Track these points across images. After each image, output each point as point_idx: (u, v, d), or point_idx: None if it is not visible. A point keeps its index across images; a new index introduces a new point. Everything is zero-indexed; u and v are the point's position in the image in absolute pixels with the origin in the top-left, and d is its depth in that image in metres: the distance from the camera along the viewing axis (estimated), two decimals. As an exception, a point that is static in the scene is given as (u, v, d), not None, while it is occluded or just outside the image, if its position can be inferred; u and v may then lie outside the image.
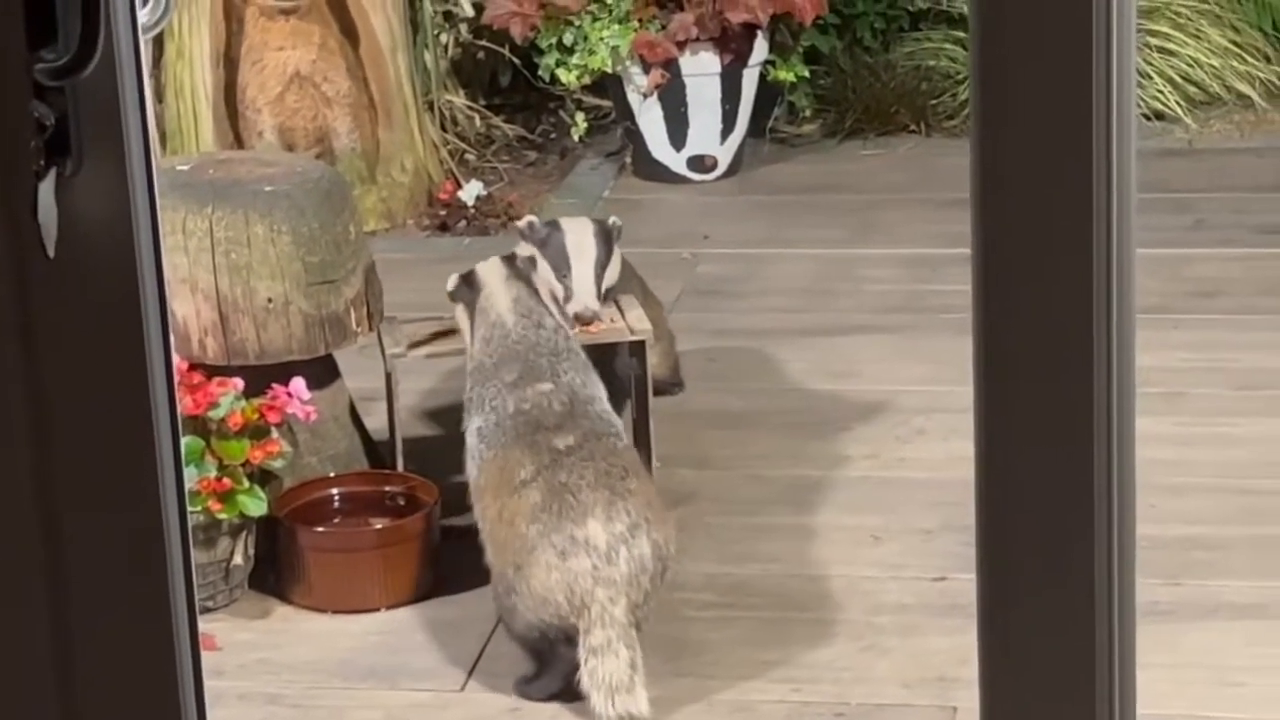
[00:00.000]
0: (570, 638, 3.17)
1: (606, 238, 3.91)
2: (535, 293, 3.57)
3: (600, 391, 3.47)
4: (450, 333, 3.90)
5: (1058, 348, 1.71)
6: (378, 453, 3.88)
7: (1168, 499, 3.76)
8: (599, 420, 3.37)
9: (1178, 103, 6.10)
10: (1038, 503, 1.75)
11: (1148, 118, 6.02)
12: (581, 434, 3.31)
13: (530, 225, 3.94)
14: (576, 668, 3.15)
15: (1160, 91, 6.09)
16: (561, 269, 3.82)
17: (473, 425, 3.44)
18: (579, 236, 3.88)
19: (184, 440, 3.37)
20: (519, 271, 3.60)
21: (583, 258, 3.84)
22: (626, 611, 3.16)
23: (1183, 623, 3.39)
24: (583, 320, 3.79)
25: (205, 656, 1.85)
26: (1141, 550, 1.76)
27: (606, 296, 3.87)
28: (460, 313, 3.62)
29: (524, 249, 3.84)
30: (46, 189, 1.64)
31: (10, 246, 1.66)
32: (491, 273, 3.60)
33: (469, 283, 3.61)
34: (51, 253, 1.67)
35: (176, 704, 1.81)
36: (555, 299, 3.72)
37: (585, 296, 3.79)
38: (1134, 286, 1.73)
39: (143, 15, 1.70)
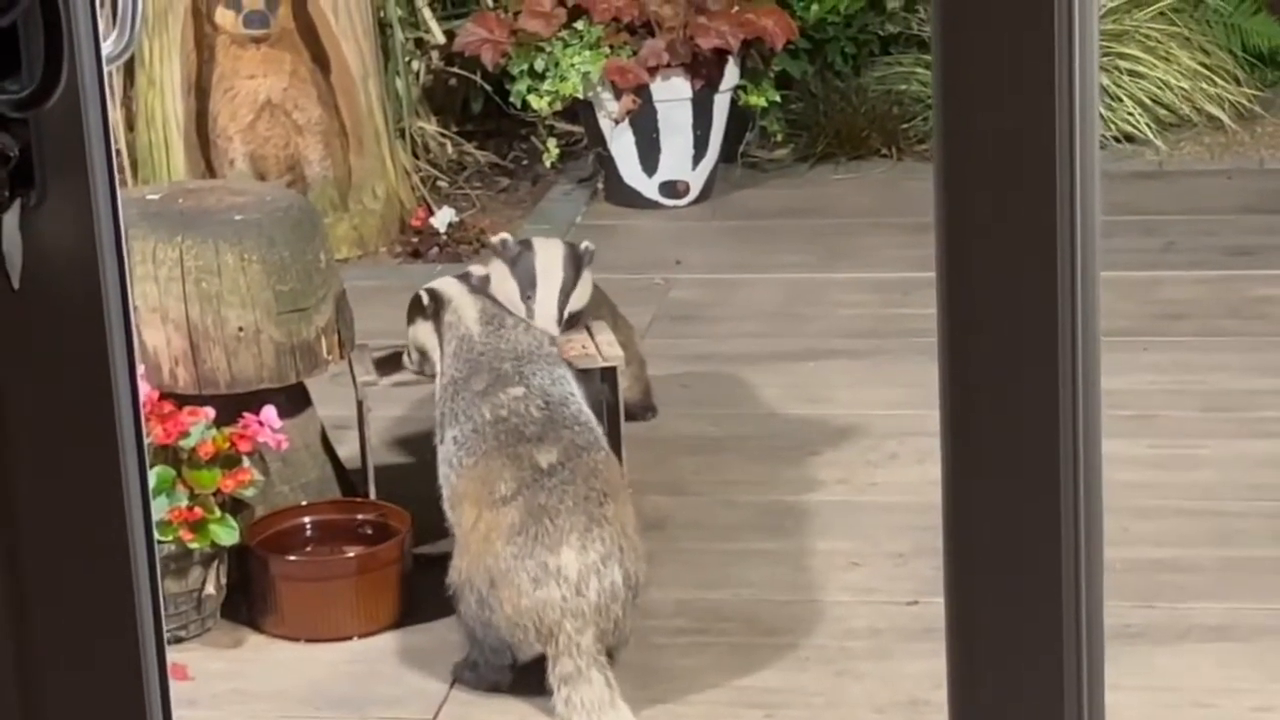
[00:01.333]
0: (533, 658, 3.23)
1: (576, 262, 3.91)
2: (498, 303, 3.61)
3: (571, 387, 3.49)
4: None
5: (1022, 372, 1.72)
6: (349, 481, 3.87)
7: (1138, 521, 3.77)
8: (579, 428, 3.38)
9: (1148, 125, 6.13)
10: (1004, 527, 1.75)
11: (1118, 140, 6.05)
12: (563, 448, 3.32)
13: (504, 242, 3.95)
14: (515, 665, 3.27)
15: (1130, 114, 6.12)
16: (527, 289, 3.83)
17: (448, 435, 3.46)
18: (548, 259, 3.89)
19: (155, 470, 3.37)
20: (475, 288, 3.64)
21: (548, 280, 3.85)
22: (594, 640, 3.20)
23: (1153, 645, 3.39)
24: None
25: (178, 687, 1.85)
26: (1112, 573, 1.76)
27: (574, 321, 3.87)
28: (426, 330, 3.64)
29: (479, 270, 3.84)
30: (10, 220, 1.64)
31: (-26, 278, 1.66)
32: (452, 288, 3.64)
33: (435, 299, 3.64)
34: (16, 284, 1.66)
35: (145, 735, 1.81)
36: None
37: (545, 320, 3.80)
38: (1098, 309, 1.73)
39: (107, 46, 1.70)
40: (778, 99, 5.98)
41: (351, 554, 3.63)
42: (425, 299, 3.68)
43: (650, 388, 4.37)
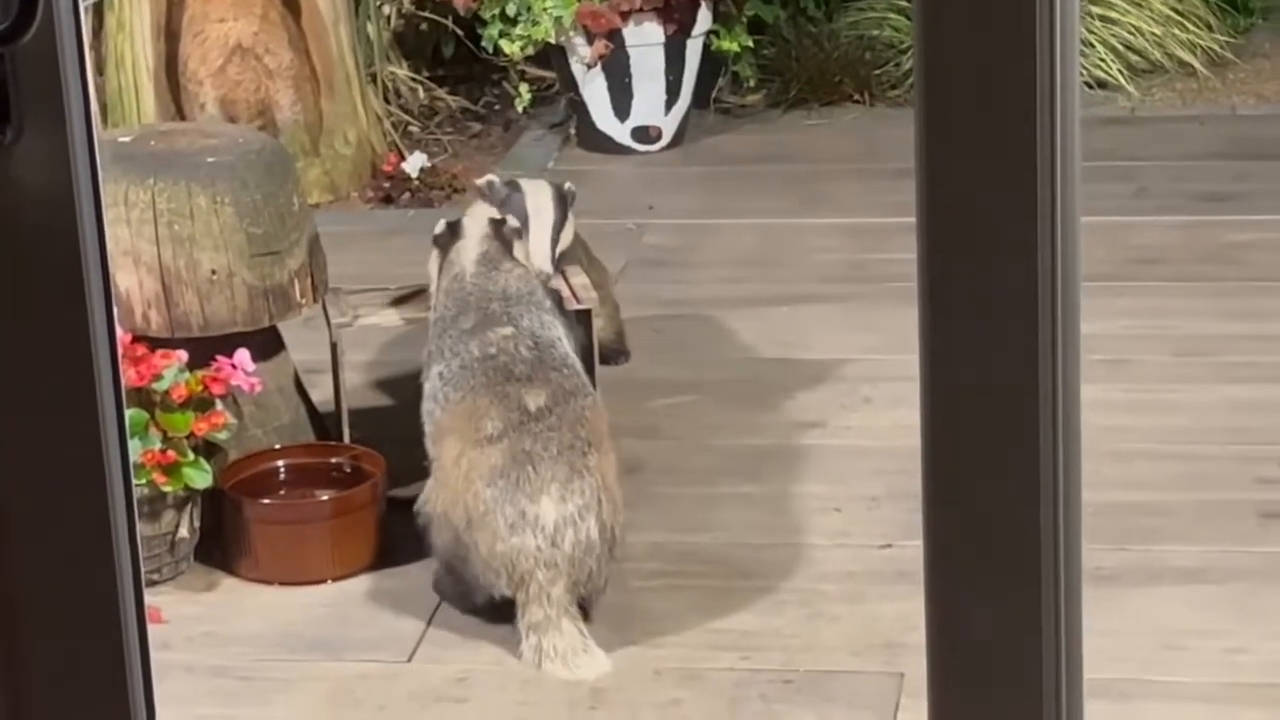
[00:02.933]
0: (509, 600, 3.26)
1: (562, 201, 3.91)
2: (508, 253, 3.57)
3: (559, 331, 3.48)
4: (401, 301, 3.91)
5: (1002, 316, 1.71)
6: (323, 424, 3.87)
7: (1112, 465, 3.78)
8: (567, 372, 3.38)
9: (1120, 71, 6.12)
10: (983, 470, 1.75)
11: (1090, 86, 6.04)
12: (551, 392, 3.32)
13: (490, 184, 3.93)
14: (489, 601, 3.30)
15: (1102, 60, 6.11)
16: (521, 229, 3.82)
17: (433, 371, 3.46)
18: (538, 199, 3.88)
19: (128, 413, 3.36)
20: (502, 234, 3.60)
21: (540, 220, 3.84)
22: (566, 591, 3.22)
23: (1127, 588, 3.41)
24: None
25: (151, 630, 1.84)
26: (1086, 516, 1.77)
27: (560, 261, 3.87)
28: (434, 259, 3.63)
29: (479, 209, 3.82)
30: (-14, 157, 1.62)
31: (-50, 216, 1.65)
32: (474, 226, 3.61)
33: (453, 231, 3.63)
34: (-8, 222, 1.65)
35: (123, 677, 1.81)
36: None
37: (541, 259, 3.78)
38: (1079, 254, 1.73)
39: (83, -17, 1.69)
40: (750, 44, 5.97)
41: (325, 497, 3.63)
42: (442, 228, 3.66)
43: (624, 331, 4.37)
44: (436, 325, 3.53)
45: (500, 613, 3.31)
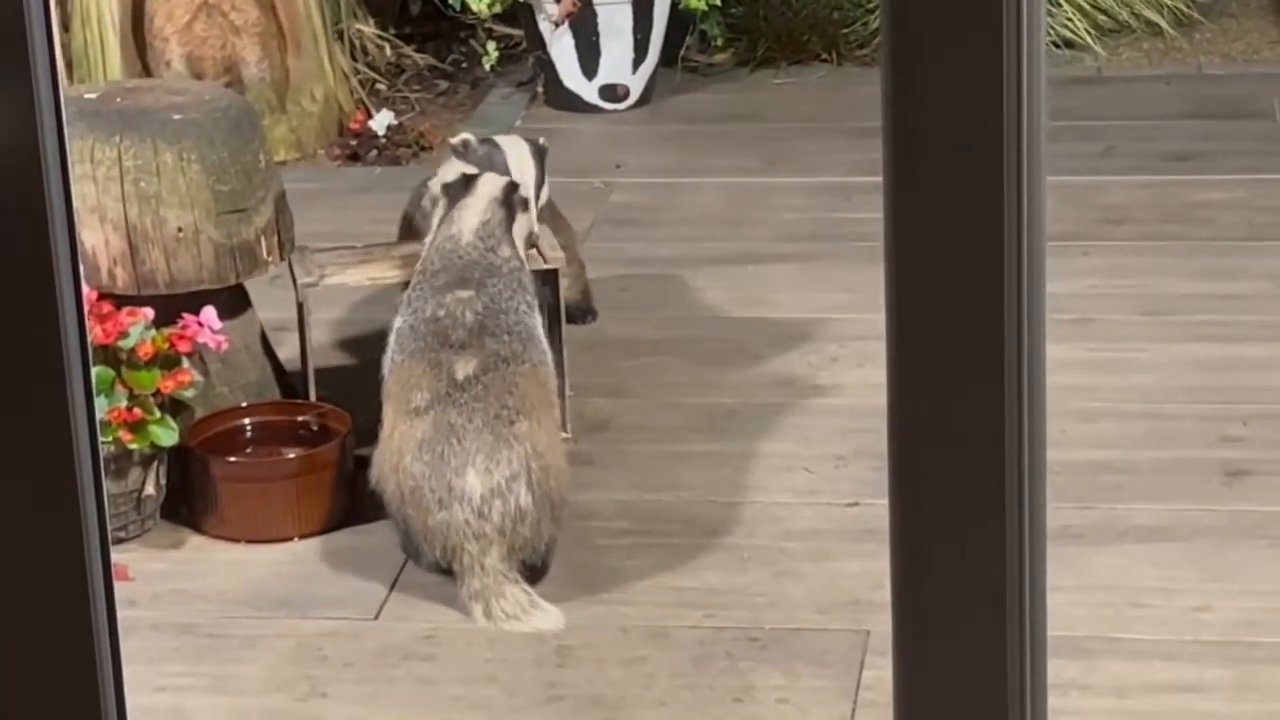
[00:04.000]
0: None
1: (540, 156, 3.90)
2: (509, 226, 3.57)
3: (531, 313, 3.47)
4: (368, 260, 3.90)
5: (968, 275, 1.72)
6: (290, 382, 3.87)
7: (1077, 424, 3.80)
8: (508, 338, 3.38)
9: (1087, 31, 6.13)
10: (948, 427, 1.76)
11: (1057, 45, 6.04)
12: (482, 360, 3.34)
13: (465, 144, 3.92)
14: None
15: (1069, 19, 6.11)
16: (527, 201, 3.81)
17: (396, 323, 3.48)
18: (519, 157, 3.88)
19: (94, 370, 3.35)
20: (508, 201, 3.59)
21: (524, 177, 3.83)
22: (500, 560, 3.25)
23: (1092, 545, 3.42)
24: (528, 244, 3.77)
25: (118, 587, 1.84)
26: (1052, 475, 1.78)
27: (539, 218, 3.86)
28: (440, 208, 3.62)
29: (451, 167, 3.80)
30: (-49, 114, 1.62)
31: (-85, 172, 1.65)
32: (485, 189, 3.60)
33: (465, 185, 3.60)
34: (-43, 179, 1.65)
35: (90, 635, 1.81)
36: (528, 240, 3.69)
37: (529, 218, 3.77)
38: (1044, 213, 1.74)
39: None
40: (718, 3, 5.95)
41: (291, 455, 3.63)
42: (456, 178, 3.64)
43: (590, 290, 4.36)
44: (418, 275, 3.54)
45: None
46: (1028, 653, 1.78)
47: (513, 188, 3.63)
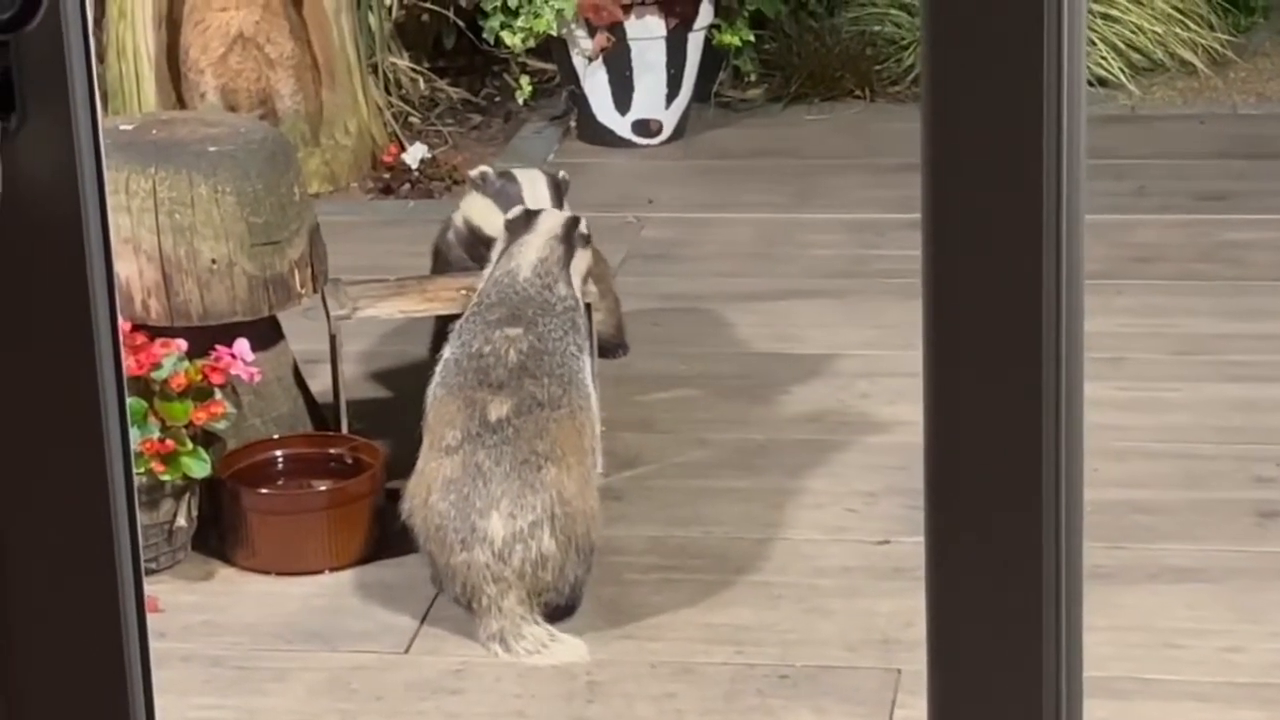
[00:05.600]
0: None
1: (558, 190, 3.91)
2: (567, 263, 3.57)
3: (579, 356, 3.46)
4: (401, 293, 3.90)
5: (1006, 313, 1.71)
6: (322, 415, 3.87)
7: (1109, 463, 3.78)
8: (548, 381, 3.38)
9: (1121, 69, 6.12)
10: (985, 466, 1.75)
11: (1091, 84, 6.04)
12: (517, 403, 3.33)
13: (483, 175, 3.94)
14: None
15: (1103, 58, 6.11)
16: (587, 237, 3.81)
17: (445, 353, 3.49)
18: (534, 188, 3.88)
19: (127, 401, 3.36)
20: (569, 238, 3.60)
21: (538, 206, 3.83)
22: (518, 603, 3.25)
23: (1124, 586, 3.41)
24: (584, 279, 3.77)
25: (148, 618, 1.84)
26: (1084, 514, 1.77)
27: None
28: (501, 241, 3.63)
29: (472, 201, 3.80)
30: (-9, 144, 1.62)
31: (-46, 202, 1.65)
32: (546, 223, 3.61)
33: (526, 221, 3.62)
34: (-4, 209, 1.65)
35: (122, 666, 1.81)
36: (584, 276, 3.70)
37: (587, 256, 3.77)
38: (1083, 253, 1.73)
39: (88, -30, 1.68)
40: (751, 38, 5.96)
41: (323, 488, 3.63)
42: (518, 214, 3.65)
43: (623, 325, 4.36)
44: (472, 306, 3.54)
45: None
46: (1064, 694, 1.77)
47: (574, 223, 3.63)
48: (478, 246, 3.91)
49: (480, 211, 3.87)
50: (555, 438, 3.33)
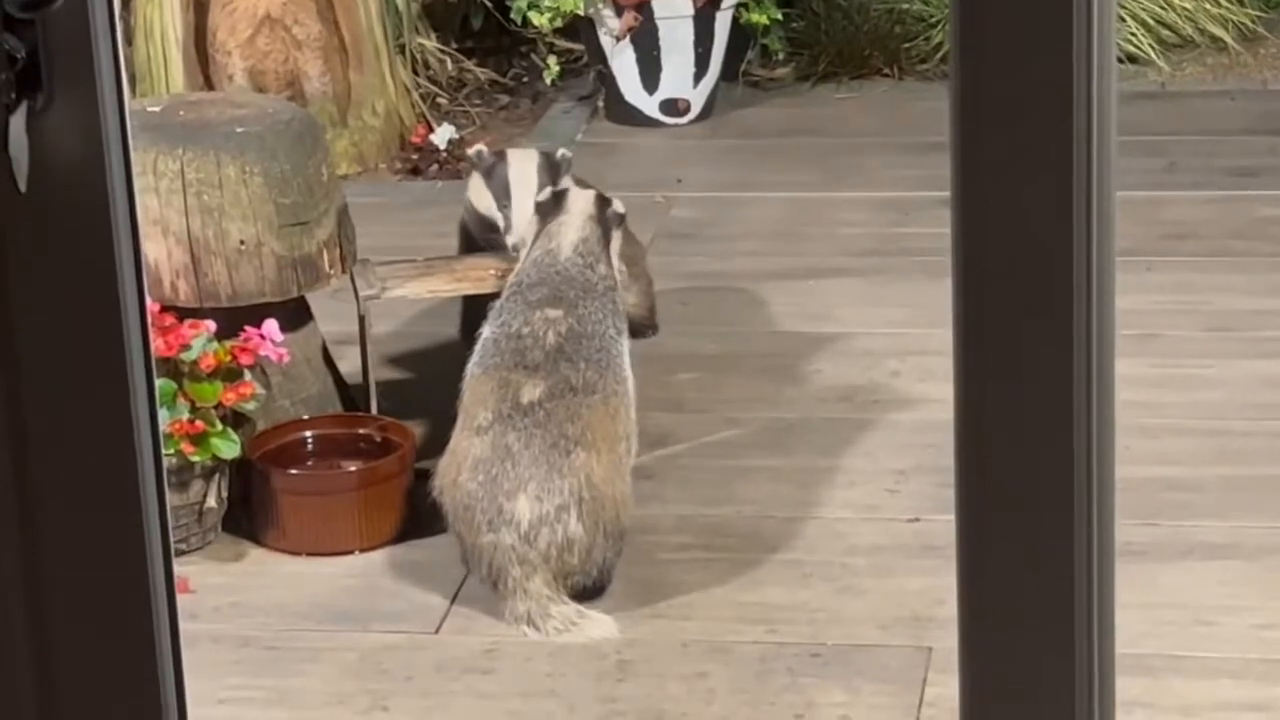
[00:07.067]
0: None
1: (553, 170, 3.89)
2: (606, 243, 3.56)
3: (619, 339, 3.46)
4: (430, 273, 3.90)
5: (1037, 290, 1.70)
6: (351, 395, 3.87)
7: (1141, 440, 3.77)
8: (584, 366, 3.37)
9: (1150, 46, 6.09)
10: (1017, 443, 1.74)
11: (1120, 61, 6.01)
12: (550, 386, 3.33)
13: (479, 154, 3.95)
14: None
15: (1133, 34, 6.08)
16: (503, 199, 3.83)
17: (484, 332, 3.48)
18: (522, 168, 3.88)
19: (156, 382, 3.36)
20: (604, 218, 3.59)
21: (523, 189, 3.83)
22: (544, 584, 3.25)
23: (1157, 563, 3.40)
24: (517, 251, 3.78)
25: (179, 600, 1.84)
26: (1116, 491, 1.76)
27: None
28: (532, 224, 3.63)
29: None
30: (17, 122, 1.62)
31: (-19, 181, 1.65)
32: (579, 203, 3.60)
33: (557, 201, 3.61)
34: (23, 186, 1.65)
35: (153, 647, 1.81)
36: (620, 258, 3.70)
37: (521, 228, 3.77)
38: (1114, 229, 1.72)
39: (114, -51, 1.68)
40: (779, 17, 5.94)
41: (353, 468, 3.63)
42: (547, 197, 3.64)
43: (655, 306, 4.36)
44: (511, 286, 3.54)
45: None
46: (1096, 671, 1.77)
47: (605, 202, 3.63)
48: (479, 224, 3.92)
49: (476, 190, 3.89)
50: (587, 422, 3.32)
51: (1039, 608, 1.77)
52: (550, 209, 3.61)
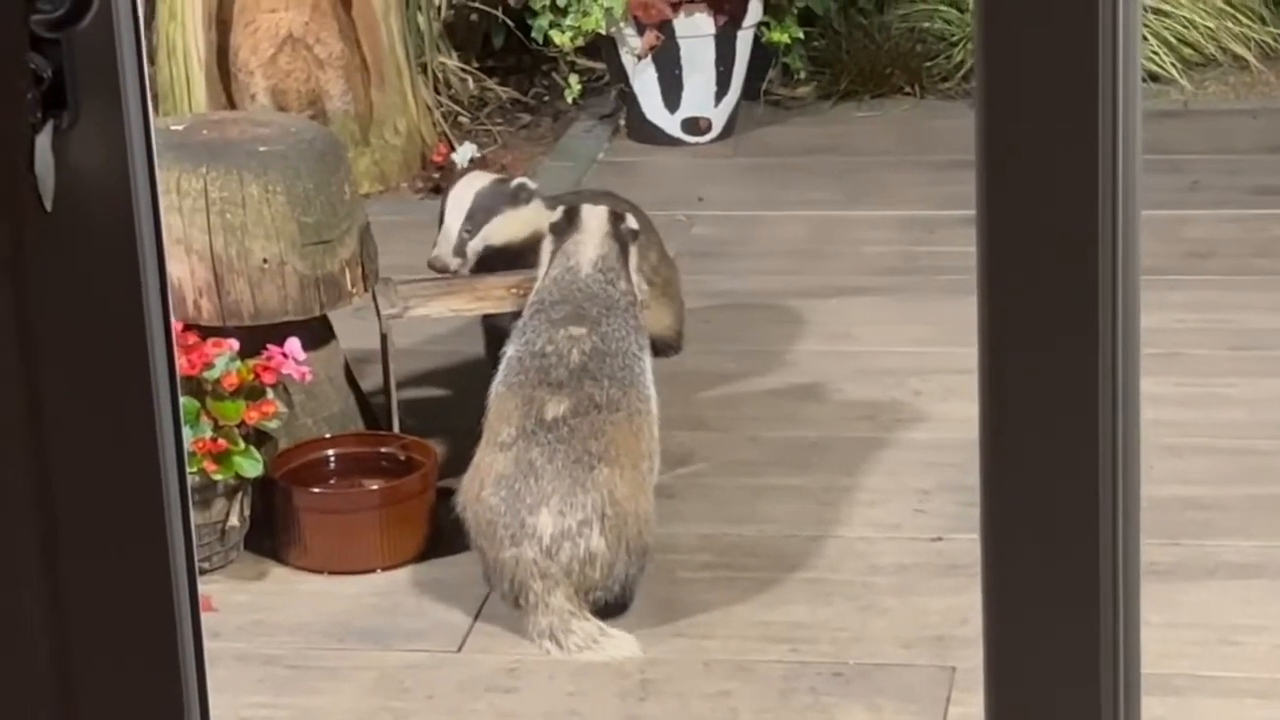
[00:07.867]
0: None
1: (508, 196, 3.88)
2: (624, 259, 3.57)
3: (641, 356, 3.47)
4: (452, 292, 3.90)
5: (1063, 309, 1.70)
6: (373, 414, 3.87)
7: (1165, 459, 3.76)
8: (608, 384, 3.38)
9: (1173, 64, 6.09)
10: (1042, 462, 1.74)
11: (1143, 79, 6.00)
12: (574, 403, 3.33)
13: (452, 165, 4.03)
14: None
15: (1155, 53, 6.08)
16: (440, 220, 3.86)
17: (508, 351, 3.48)
18: (462, 190, 3.92)
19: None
20: (620, 234, 3.60)
21: (456, 210, 3.87)
22: (566, 599, 3.25)
23: (1181, 583, 3.39)
24: (433, 268, 3.84)
25: (202, 618, 1.84)
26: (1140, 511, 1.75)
27: (500, 254, 3.84)
28: (547, 245, 3.63)
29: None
30: (43, 141, 1.62)
31: (7, 199, 1.65)
32: (593, 220, 3.61)
33: (569, 220, 3.61)
34: (49, 206, 1.65)
35: (176, 665, 1.81)
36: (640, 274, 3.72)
37: (441, 246, 3.85)
38: (1139, 248, 1.72)
39: (139, -31, 1.68)
40: (801, 36, 5.95)
41: (375, 486, 3.63)
42: (559, 217, 3.65)
43: (683, 330, 4.35)
44: (533, 305, 3.54)
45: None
46: (1122, 691, 1.76)
47: (618, 218, 3.63)
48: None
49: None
50: (611, 439, 3.32)
51: (1064, 627, 1.76)
52: (564, 227, 3.61)
